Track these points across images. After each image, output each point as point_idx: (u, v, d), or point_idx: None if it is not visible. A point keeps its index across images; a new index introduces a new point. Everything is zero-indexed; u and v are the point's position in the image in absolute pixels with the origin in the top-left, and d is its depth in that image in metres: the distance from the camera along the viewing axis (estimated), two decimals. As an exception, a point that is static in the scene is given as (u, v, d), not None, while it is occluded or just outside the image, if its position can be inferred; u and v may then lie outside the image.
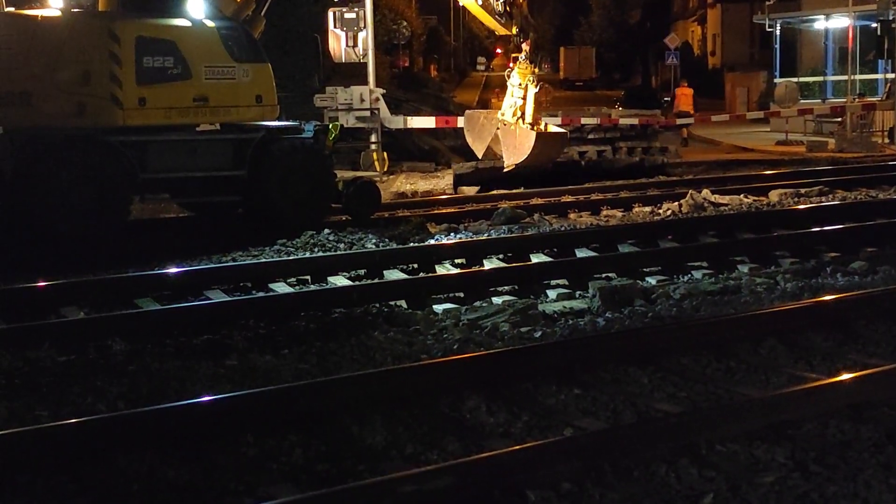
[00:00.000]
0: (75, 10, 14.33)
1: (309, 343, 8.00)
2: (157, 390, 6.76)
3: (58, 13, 14.08)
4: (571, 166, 22.21)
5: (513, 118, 18.98)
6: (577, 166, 22.47)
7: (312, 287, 10.86)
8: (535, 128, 18.88)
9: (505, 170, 19.28)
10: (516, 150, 18.89)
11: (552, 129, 19.87)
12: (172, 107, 13.87)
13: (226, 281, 10.74)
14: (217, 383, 6.90)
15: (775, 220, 14.24)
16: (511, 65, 20.13)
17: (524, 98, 18.77)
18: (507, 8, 19.67)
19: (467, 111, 21.81)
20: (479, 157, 19.84)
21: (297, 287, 10.87)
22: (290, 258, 12.14)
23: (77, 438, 5.63)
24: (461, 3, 18.84)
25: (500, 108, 19.54)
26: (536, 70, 19.45)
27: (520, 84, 18.82)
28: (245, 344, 8.09)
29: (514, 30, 20.72)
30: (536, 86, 18.81)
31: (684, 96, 33.94)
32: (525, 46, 19.52)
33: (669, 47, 43.46)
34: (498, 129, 19.24)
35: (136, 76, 13.55)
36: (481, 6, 18.63)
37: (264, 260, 12.03)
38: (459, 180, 20.35)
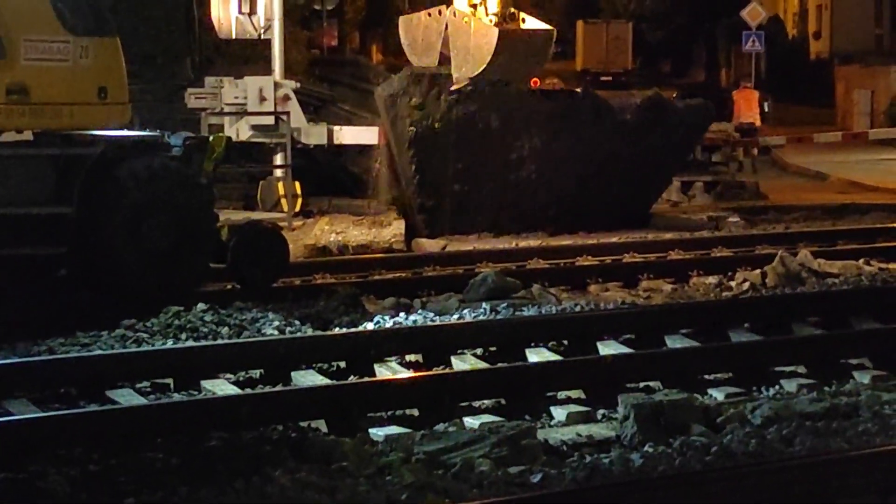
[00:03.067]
0: None
1: (169, 488, 7.96)
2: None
3: None
4: None
5: (468, 7, 18.97)
6: None
7: (176, 397, 10.88)
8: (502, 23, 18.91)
9: (454, 87, 19.17)
10: (471, 55, 18.67)
11: (531, 23, 19.89)
12: None
13: (36, 386, 10.77)
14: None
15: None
16: None
17: None
18: None
19: (401, 17, 21.93)
20: None
21: (153, 396, 10.86)
22: (142, 350, 12.16)
23: None
24: None
25: None
26: None
27: None
28: (66, 489, 8.02)
29: None
30: None
31: (745, 101, 35.55)
32: None
33: (749, 24, 43.95)
34: (446, 25, 19.16)
35: None
36: None
37: (99, 352, 12.02)
38: (388, 103, 20.26)
